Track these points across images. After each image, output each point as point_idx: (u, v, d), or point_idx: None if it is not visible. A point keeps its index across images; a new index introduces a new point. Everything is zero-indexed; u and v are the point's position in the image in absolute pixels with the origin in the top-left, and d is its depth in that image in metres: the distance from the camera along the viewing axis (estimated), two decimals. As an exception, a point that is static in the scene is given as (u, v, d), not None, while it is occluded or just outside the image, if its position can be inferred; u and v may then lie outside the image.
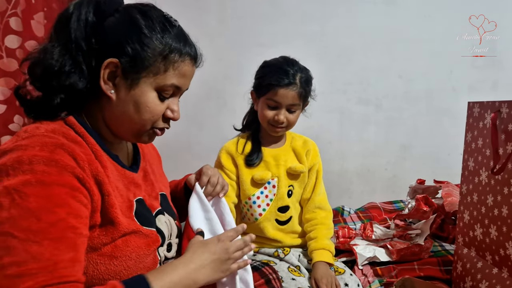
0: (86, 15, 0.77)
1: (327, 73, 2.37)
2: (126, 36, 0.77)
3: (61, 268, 0.64)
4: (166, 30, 0.80)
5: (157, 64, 0.79)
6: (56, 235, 0.65)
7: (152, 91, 0.81)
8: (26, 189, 0.64)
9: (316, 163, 1.39)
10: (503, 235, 1.11)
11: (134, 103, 0.80)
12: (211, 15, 2.35)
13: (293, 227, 1.36)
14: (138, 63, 0.78)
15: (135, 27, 0.78)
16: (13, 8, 1.64)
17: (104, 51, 0.77)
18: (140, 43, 0.77)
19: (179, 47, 0.81)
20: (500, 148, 1.13)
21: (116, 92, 0.79)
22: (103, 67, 0.77)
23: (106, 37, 0.78)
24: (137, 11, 0.80)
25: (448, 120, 2.41)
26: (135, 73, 0.78)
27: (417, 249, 1.48)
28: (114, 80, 0.79)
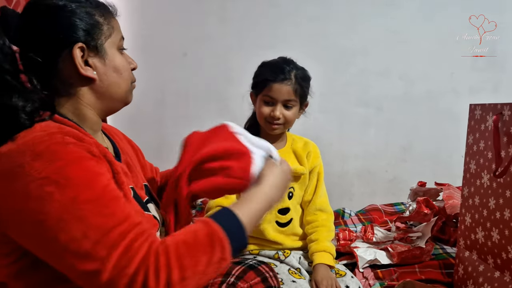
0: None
1: (328, 74, 2.36)
2: (66, 19, 0.78)
3: (135, 222, 0.66)
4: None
5: (103, 23, 0.83)
6: (112, 195, 0.68)
7: (117, 51, 0.85)
8: (63, 171, 0.65)
9: (317, 165, 1.39)
10: (505, 239, 1.10)
11: (113, 69, 0.84)
12: (211, 17, 2.35)
13: (293, 229, 1.35)
14: (94, 33, 0.81)
15: (64, 9, 0.79)
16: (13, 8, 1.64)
17: (51, 50, 0.78)
18: (79, 15, 0.79)
19: (104, 5, 0.86)
20: (502, 150, 1.12)
21: (96, 70, 0.82)
22: (74, 57, 0.78)
23: (43, 36, 0.78)
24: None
25: (449, 122, 2.41)
26: (97, 42, 0.81)
27: (418, 252, 1.47)
28: (88, 63, 0.81)
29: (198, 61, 2.33)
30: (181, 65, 2.32)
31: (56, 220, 0.62)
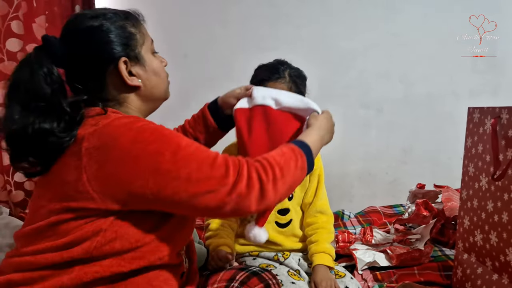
0: (46, 69, 0.83)
1: (328, 77, 2.37)
2: (106, 38, 0.87)
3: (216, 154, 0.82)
4: (110, 11, 0.91)
5: (136, 32, 0.92)
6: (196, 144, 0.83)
7: (151, 55, 0.95)
8: (162, 133, 0.81)
9: (317, 168, 1.39)
10: (503, 241, 1.11)
11: (154, 73, 0.94)
12: (212, 19, 2.36)
13: (293, 230, 1.36)
14: (131, 44, 0.90)
15: (101, 28, 0.87)
16: (14, 12, 1.65)
17: (97, 68, 0.88)
18: (115, 31, 0.88)
19: (130, 13, 0.94)
20: (501, 154, 1.13)
21: (140, 78, 0.92)
22: (121, 71, 0.87)
23: (87, 58, 0.87)
24: (80, 22, 0.88)
25: (449, 124, 2.41)
26: (136, 52, 0.91)
27: (417, 254, 1.48)
28: (132, 73, 0.90)
29: (199, 63, 2.34)
30: (182, 67, 2.32)
31: (172, 163, 0.77)
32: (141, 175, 0.76)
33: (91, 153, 0.78)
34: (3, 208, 1.66)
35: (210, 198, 0.77)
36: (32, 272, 0.79)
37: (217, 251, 1.16)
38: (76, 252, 0.78)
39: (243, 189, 0.78)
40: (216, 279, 1.03)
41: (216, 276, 1.03)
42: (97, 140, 0.78)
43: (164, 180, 0.76)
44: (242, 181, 0.78)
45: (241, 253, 1.36)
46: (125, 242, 0.80)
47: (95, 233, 0.78)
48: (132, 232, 0.81)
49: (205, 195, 0.77)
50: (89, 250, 0.78)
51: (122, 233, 0.80)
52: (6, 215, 1.60)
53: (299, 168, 0.87)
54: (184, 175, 0.76)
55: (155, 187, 0.76)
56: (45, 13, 1.78)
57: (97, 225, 0.79)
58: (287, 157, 0.86)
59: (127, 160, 0.77)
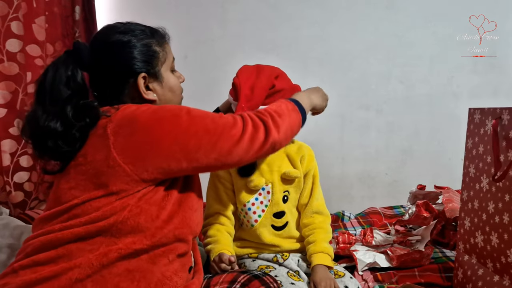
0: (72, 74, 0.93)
1: (328, 78, 2.37)
2: (130, 54, 0.96)
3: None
4: (138, 28, 1.00)
5: (159, 51, 1.00)
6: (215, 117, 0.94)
7: (170, 73, 1.04)
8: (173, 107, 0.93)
9: (312, 168, 1.38)
10: (504, 243, 1.10)
11: (169, 90, 1.03)
12: (212, 19, 2.35)
13: (290, 232, 1.35)
14: (153, 61, 0.98)
15: (129, 44, 0.96)
16: (14, 12, 1.65)
17: (119, 79, 0.97)
18: (140, 48, 0.97)
19: (157, 31, 1.03)
20: (501, 155, 1.12)
21: (155, 93, 1.00)
22: (139, 85, 0.96)
23: (112, 69, 0.96)
24: (111, 34, 0.97)
25: (449, 125, 2.41)
26: (156, 69, 0.99)
27: (418, 256, 1.47)
28: (149, 88, 0.99)
29: (199, 64, 2.34)
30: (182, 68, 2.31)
31: (189, 121, 0.89)
32: (166, 137, 0.87)
33: (116, 131, 0.86)
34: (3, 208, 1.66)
35: (229, 141, 0.90)
36: (57, 250, 0.84)
37: (220, 255, 1.15)
38: (103, 225, 0.85)
39: (252, 129, 0.93)
40: (218, 281, 1.02)
41: (218, 278, 1.03)
42: (120, 120, 0.88)
43: (187, 135, 0.88)
44: (248, 123, 0.93)
45: (240, 255, 1.36)
46: (148, 217, 0.88)
47: (122, 208, 0.86)
48: (155, 208, 0.89)
49: (224, 139, 0.90)
50: (115, 223, 0.85)
51: (146, 209, 0.88)
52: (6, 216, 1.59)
53: (291, 110, 1.02)
54: (202, 128, 0.89)
55: (181, 144, 0.87)
56: (45, 14, 1.77)
57: (125, 201, 0.86)
58: (277, 104, 1.02)
59: (151, 126, 0.87)
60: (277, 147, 0.97)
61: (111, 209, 0.85)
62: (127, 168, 0.85)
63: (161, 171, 0.88)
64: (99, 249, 0.84)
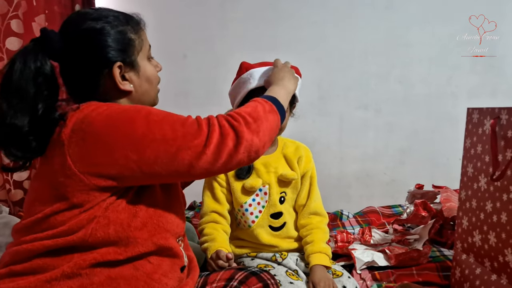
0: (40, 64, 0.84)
1: (327, 77, 2.38)
2: (104, 42, 0.88)
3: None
4: (112, 14, 0.92)
5: (135, 38, 0.93)
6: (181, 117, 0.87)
7: (147, 61, 0.96)
8: (132, 107, 0.85)
9: (309, 169, 1.38)
10: (502, 242, 1.11)
11: (146, 80, 0.95)
12: (211, 19, 2.36)
13: (288, 232, 1.35)
14: (128, 49, 0.91)
15: (102, 32, 0.89)
16: (14, 11, 1.65)
17: (92, 69, 0.89)
18: (115, 36, 0.90)
19: (131, 17, 0.95)
20: (500, 154, 1.13)
21: (132, 83, 0.93)
22: (114, 75, 0.89)
23: (84, 58, 0.88)
24: (82, 21, 0.89)
25: (447, 125, 2.42)
26: (132, 58, 0.92)
27: (416, 254, 1.48)
28: (125, 78, 0.92)
29: (198, 63, 2.34)
30: (181, 67, 2.33)
31: (146, 127, 0.80)
32: (119, 145, 0.79)
33: (70, 136, 0.80)
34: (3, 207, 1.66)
35: (190, 153, 0.81)
36: (31, 261, 0.81)
37: (217, 252, 1.15)
38: (72, 239, 0.80)
39: (218, 138, 0.82)
40: (215, 278, 1.03)
41: (215, 275, 1.03)
42: (74, 124, 0.81)
43: (142, 144, 0.80)
44: (215, 131, 0.83)
45: (239, 255, 1.35)
46: (118, 227, 0.82)
47: (89, 220, 0.81)
48: (123, 216, 0.83)
49: (184, 151, 0.81)
50: (85, 237, 0.80)
51: (114, 218, 0.82)
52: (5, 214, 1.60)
53: (268, 112, 0.92)
54: (159, 136, 0.80)
55: (135, 154, 0.79)
56: (45, 12, 1.78)
57: (91, 213, 0.81)
58: (252, 106, 0.91)
59: (104, 132, 0.80)
60: (253, 155, 0.87)
61: (77, 223, 0.80)
62: (83, 177, 0.79)
63: (119, 181, 0.82)
64: (72, 259, 0.81)
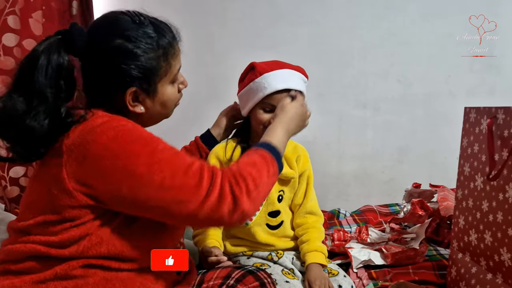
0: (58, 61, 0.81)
1: (326, 76, 2.37)
2: (128, 65, 0.84)
3: (201, 161, 0.82)
4: (148, 35, 0.87)
5: (162, 66, 0.88)
6: (175, 149, 0.83)
7: (168, 85, 0.92)
8: (139, 135, 0.81)
9: (307, 169, 1.38)
10: (498, 241, 1.11)
11: (160, 104, 0.92)
12: (211, 17, 2.35)
13: (284, 231, 1.35)
14: (150, 78, 0.87)
15: (129, 55, 0.84)
16: (11, 6, 1.64)
17: (108, 86, 0.86)
18: (142, 63, 0.85)
19: (167, 41, 0.90)
20: (496, 154, 1.13)
21: (144, 105, 0.89)
22: (126, 98, 0.85)
23: (104, 73, 0.85)
24: (115, 34, 0.84)
25: (445, 124, 2.42)
26: (151, 85, 0.88)
27: (412, 253, 1.48)
28: (138, 99, 0.88)
29: (197, 61, 2.33)
30: (180, 65, 2.32)
31: (147, 166, 0.76)
32: (117, 175, 0.76)
33: (71, 150, 0.77)
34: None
35: (182, 208, 0.76)
36: (25, 262, 0.80)
37: (205, 251, 1.16)
38: (63, 254, 0.79)
39: (215, 201, 0.77)
40: (212, 276, 1.03)
41: (212, 273, 1.03)
42: (78, 137, 0.78)
43: (138, 184, 0.76)
44: (214, 192, 0.77)
45: (235, 253, 1.35)
46: (111, 247, 0.81)
47: (81, 237, 0.79)
48: (117, 236, 0.81)
49: (177, 204, 0.76)
50: (77, 253, 0.79)
51: (107, 238, 0.80)
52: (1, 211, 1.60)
53: (271, 176, 0.88)
54: (157, 181, 0.76)
55: (129, 190, 0.76)
56: (42, 8, 1.77)
57: (83, 230, 0.79)
58: (259, 167, 0.86)
59: (105, 157, 0.76)
60: (243, 221, 0.84)
61: (68, 237, 0.79)
62: (76, 194, 0.77)
63: (110, 206, 0.80)
64: (65, 264, 0.79)
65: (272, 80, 1.22)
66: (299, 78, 1.27)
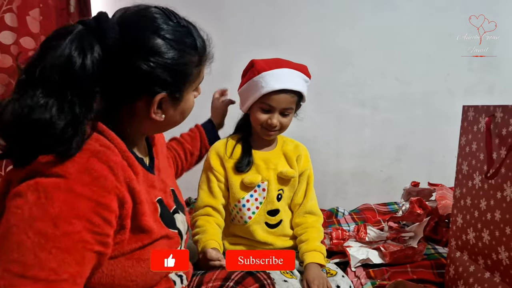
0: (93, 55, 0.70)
1: (325, 74, 2.36)
2: (163, 69, 0.75)
3: (62, 280, 0.64)
4: (187, 37, 0.79)
5: (194, 73, 0.82)
6: (66, 245, 0.64)
7: (191, 94, 0.85)
8: (54, 192, 0.65)
9: (307, 168, 1.38)
10: (496, 240, 1.11)
11: (180, 112, 0.84)
12: (208, 14, 2.34)
13: (283, 230, 1.35)
14: (182, 84, 0.80)
15: (167, 57, 0.75)
16: (8, 4, 1.64)
17: (139, 89, 0.76)
18: (178, 67, 0.77)
19: (203, 46, 0.83)
20: (494, 152, 1.13)
21: (165, 113, 0.81)
22: (152, 104, 0.77)
23: (133, 74, 0.74)
24: (155, 31, 0.75)
25: (444, 123, 2.41)
26: (180, 92, 0.80)
27: (410, 252, 1.48)
28: (161, 106, 0.80)
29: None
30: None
31: (6, 229, 0.63)
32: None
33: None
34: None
35: None
36: None
37: (205, 252, 1.15)
38: None
39: None
40: (211, 278, 1.02)
41: (211, 275, 1.03)
42: (23, 177, 0.68)
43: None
44: None
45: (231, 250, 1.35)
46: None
47: None
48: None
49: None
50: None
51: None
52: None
53: None
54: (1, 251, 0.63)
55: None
56: (40, 6, 1.76)
57: None
58: None
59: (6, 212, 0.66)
60: None
61: None
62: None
63: None
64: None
65: (270, 80, 1.22)
66: (299, 78, 1.27)
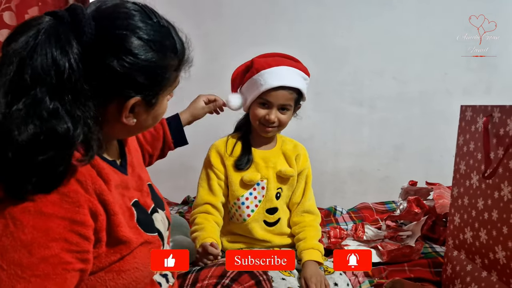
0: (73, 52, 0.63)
1: (322, 73, 2.37)
2: (139, 71, 0.68)
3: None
4: (167, 39, 0.73)
5: (172, 76, 0.75)
6: (46, 271, 0.60)
7: (165, 98, 0.79)
8: (23, 217, 0.60)
9: (306, 168, 1.38)
10: (493, 239, 1.12)
11: (153, 118, 0.78)
12: (206, 13, 2.34)
13: (281, 228, 1.35)
14: (158, 89, 0.73)
15: (146, 60, 0.68)
16: (7, 3, 1.63)
17: (111, 92, 0.69)
18: (155, 70, 0.71)
19: (183, 49, 0.76)
20: (492, 152, 1.13)
21: (137, 117, 0.75)
22: (124, 108, 0.70)
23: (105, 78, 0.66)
24: (134, 31, 0.68)
25: (442, 122, 2.42)
26: (156, 96, 0.74)
27: (408, 251, 1.49)
28: (133, 110, 0.73)
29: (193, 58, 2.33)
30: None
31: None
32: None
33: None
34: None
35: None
36: None
37: (203, 246, 1.15)
38: None
39: None
40: (207, 275, 1.02)
41: (207, 272, 1.03)
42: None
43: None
44: None
45: (232, 249, 1.35)
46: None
47: None
48: None
49: None
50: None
51: None
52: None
53: None
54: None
55: None
56: (38, 5, 1.76)
57: None
58: None
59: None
60: None
61: None
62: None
63: None
64: None
65: (268, 78, 1.23)
66: (297, 75, 1.28)
